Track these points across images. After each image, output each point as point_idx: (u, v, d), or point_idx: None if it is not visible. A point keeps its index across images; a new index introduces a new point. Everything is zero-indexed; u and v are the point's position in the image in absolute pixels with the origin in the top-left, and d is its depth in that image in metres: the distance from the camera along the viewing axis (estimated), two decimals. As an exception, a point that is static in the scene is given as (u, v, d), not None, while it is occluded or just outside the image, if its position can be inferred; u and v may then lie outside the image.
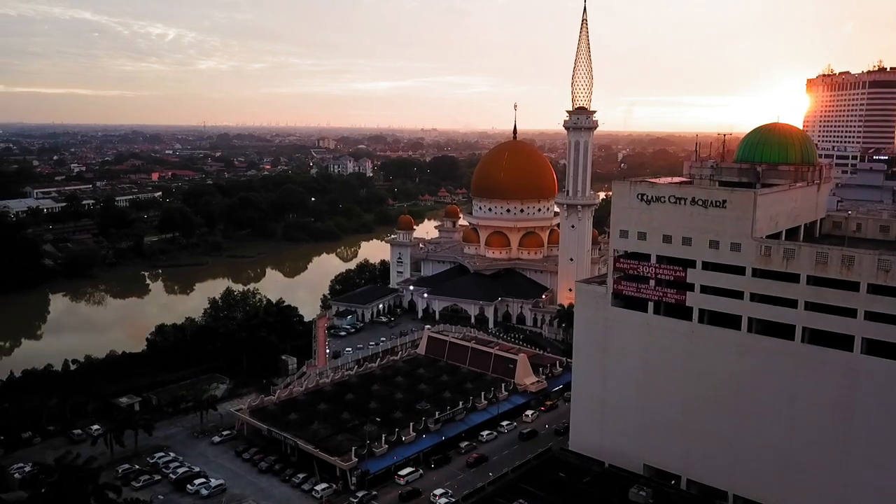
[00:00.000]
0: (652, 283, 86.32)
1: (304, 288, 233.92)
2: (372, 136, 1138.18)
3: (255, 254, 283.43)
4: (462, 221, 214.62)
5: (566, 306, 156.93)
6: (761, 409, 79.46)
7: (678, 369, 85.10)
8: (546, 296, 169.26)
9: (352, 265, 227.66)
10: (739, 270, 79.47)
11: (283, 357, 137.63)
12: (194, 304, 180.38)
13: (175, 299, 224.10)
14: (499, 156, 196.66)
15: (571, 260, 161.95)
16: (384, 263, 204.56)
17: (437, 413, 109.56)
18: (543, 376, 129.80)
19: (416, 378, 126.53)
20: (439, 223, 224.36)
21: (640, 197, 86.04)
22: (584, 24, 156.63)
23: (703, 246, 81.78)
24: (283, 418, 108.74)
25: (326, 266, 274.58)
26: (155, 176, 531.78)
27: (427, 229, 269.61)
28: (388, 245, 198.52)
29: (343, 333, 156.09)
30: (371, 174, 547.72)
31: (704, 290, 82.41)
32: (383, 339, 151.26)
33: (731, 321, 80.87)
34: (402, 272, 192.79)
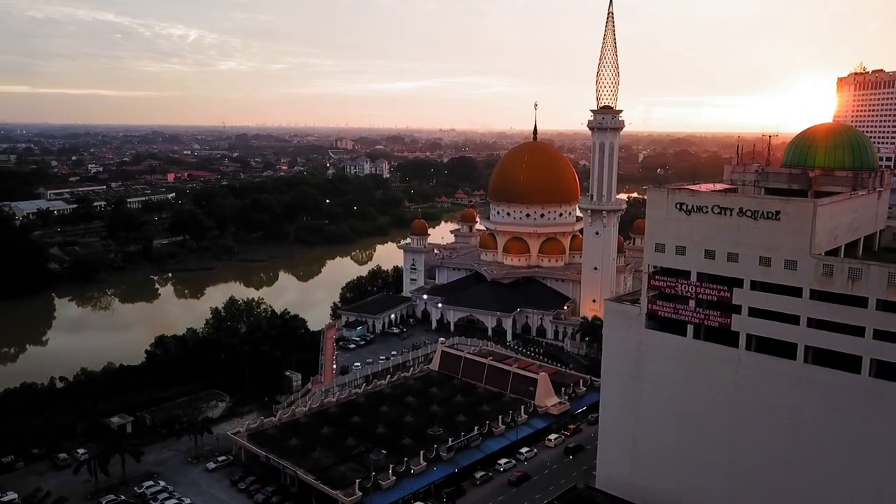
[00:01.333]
0: (692, 303, 76.43)
1: (315, 295, 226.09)
2: (390, 136, 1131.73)
3: (267, 258, 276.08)
4: (479, 226, 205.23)
5: (590, 319, 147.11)
6: (820, 452, 69.32)
7: (722, 402, 75.13)
8: (568, 307, 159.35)
9: (365, 270, 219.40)
10: (795, 292, 69.37)
11: (288, 373, 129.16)
12: (201, 310, 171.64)
13: (181, 306, 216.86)
14: (518, 157, 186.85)
15: (595, 269, 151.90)
16: (397, 270, 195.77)
17: (450, 440, 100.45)
18: (566, 396, 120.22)
19: (428, 398, 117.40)
20: (455, 227, 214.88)
21: (679, 207, 76.18)
22: (610, 19, 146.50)
23: (752, 263, 71.74)
24: (284, 444, 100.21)
25: (339, 271, 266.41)
26: (171, 177, 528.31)
27: (443, 233, 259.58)
28: (402, 250, 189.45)
29: (352, 346, 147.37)
30: (388, 175, 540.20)
31: (753, 313, 72.38)
32: (394, 353, 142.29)
33: (784, 349, 70.81)
34: (415, 279, 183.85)
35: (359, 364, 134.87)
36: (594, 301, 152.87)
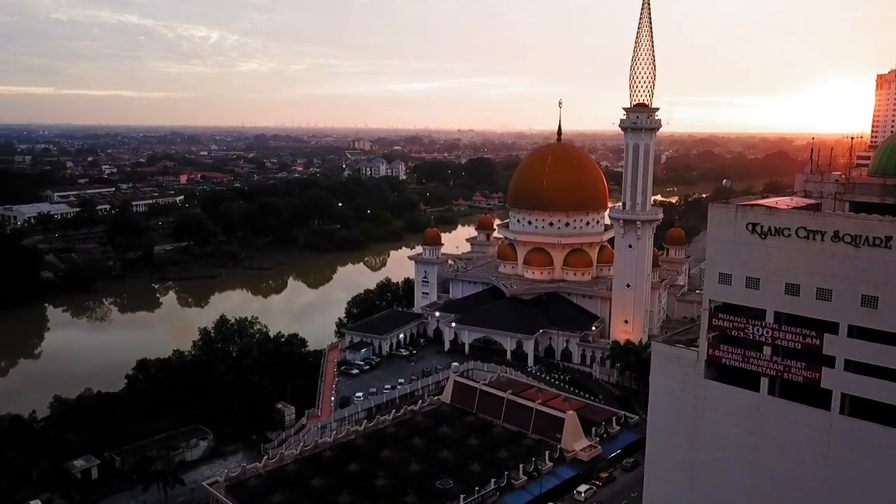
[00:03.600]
0: (767, 350, 60.07)
1: (321, 306, 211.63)
2: (408, 137, 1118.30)
3: (274, 265, 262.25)
4: (497, 234, 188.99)
5: (622, 343, 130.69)
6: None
7: (805, 479, 58.71)
8: (596, 327, 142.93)
9: (377, 278, 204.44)
10: (911, 342, 52.88)
11: (280, 405, 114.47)
12: (199, 324, 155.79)
13: (178, 319, 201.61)
14: (540, 161, 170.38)
15: (628, 286, 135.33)
16: (409, 282, 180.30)
17: (461, 496, 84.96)
18: (597, 438, 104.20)
19: (437, 440, 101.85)
20: (472, 235, 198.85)
21: (751, 228, 59.84)
22: (646, 7, 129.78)
23: (852, 302, 55.23)
24: (266, 499, 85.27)
25: (349, 279, 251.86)
26: (183, 178, 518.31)
27: (459, 238, 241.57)
28: (413, 262, 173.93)
29: (355, 371, 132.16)
30: (404, 176, 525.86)
31: (851, 367, 55.91)
32: (401, 380, 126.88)
33: (893, 416, 54.34)
34: (427, 293, 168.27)
35: (360, 395, 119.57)
36: (626, 322, 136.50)
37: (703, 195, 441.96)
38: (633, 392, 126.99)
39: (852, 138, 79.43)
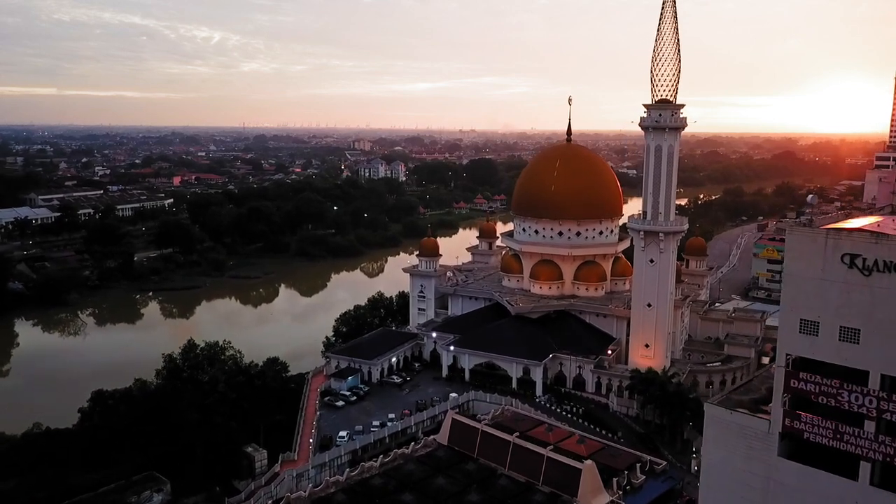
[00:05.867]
0: (870, 427, 44.57)
1: (309, 321, 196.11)
2: (409, 137, 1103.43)
3: (262, 273, 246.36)
4: (500, 242, 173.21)
5: (643, 371, 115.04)
6: None
7: None
8: (612, 351, 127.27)
9: (371, 287, 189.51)
10: None
11: (249, 449, 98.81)
12: (174, 342, 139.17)
13: (154, 335, 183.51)
14: (548, 163, 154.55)
15: (649, 306, 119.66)
16: (403, 296, 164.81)
17: (459, 577, 69.35)
18: (619, 492, 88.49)
19: (432, 495, 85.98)
20: (472, 245, 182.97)
21: (848, 261, 44.33)
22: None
23: None
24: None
25: (343, 289, 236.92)
26: (177, 180, 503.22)
27: (459, 244, 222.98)
28: (409, 274, 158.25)
29: (340, 403, 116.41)
30: (404, 178, 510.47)
31: None
32: (392, 415, 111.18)
33: None
34: (423, 310, 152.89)
35: (344, 434, 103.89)
36: (647, 346, 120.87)
37: (713, 197, 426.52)
38: (657, 428, 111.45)
39: None
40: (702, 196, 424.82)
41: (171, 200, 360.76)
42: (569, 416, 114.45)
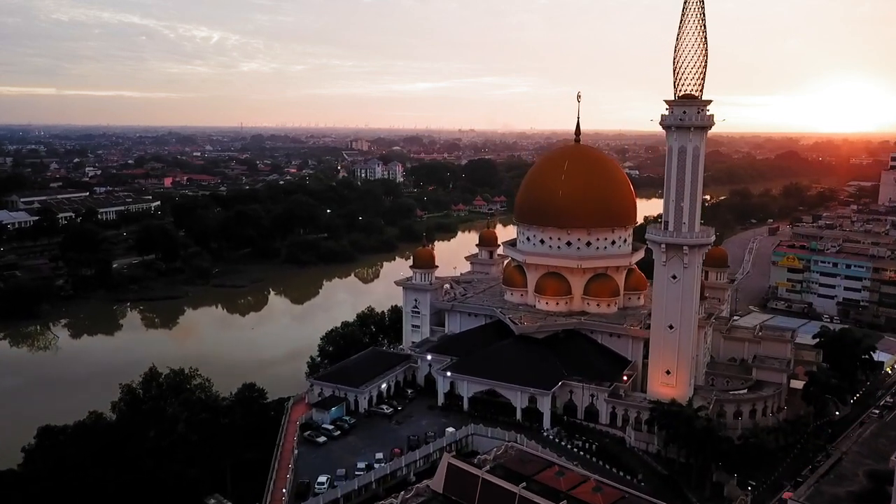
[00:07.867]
0: None
1: (295, 334, 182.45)
2: (408, 137, 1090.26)
3: (249, 282, 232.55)
4: (501, 251, 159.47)
5: (665, 403, 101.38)
6: None
7: None
8: (627, 376, 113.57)
9: (366, 296, 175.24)
10: None
11: (212, 502, 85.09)
12: (146, 363, 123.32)
13: (125, 354, 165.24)
14: (555, 166, 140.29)
15: (671, 328, 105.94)
16: (396, 310, 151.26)
17: None
18: (644, 555, 75.00)
19: (423, 563, 72.77)
20: (472, 253, 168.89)
21: None
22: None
23: None
24: None
25: (334, 298, 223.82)
26: (168, 181, 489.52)
27: (458, 250, 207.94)
28: (401, 288, 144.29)
29: (322, 439, 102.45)
30: (401, 179, 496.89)
31: None
32: (379, 455, 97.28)
33: None
34: (418, 327, 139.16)
35: (324, 481, 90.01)
36: (668, 373, 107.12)
37: (721, 198, 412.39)
38: (682, 468, 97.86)
39: None
40: (709, 198, 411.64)
41: (158, 203, 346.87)
42: (581, 452, 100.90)
